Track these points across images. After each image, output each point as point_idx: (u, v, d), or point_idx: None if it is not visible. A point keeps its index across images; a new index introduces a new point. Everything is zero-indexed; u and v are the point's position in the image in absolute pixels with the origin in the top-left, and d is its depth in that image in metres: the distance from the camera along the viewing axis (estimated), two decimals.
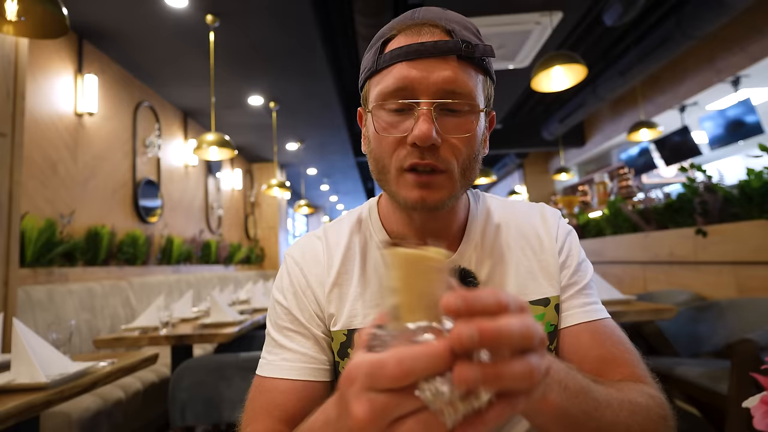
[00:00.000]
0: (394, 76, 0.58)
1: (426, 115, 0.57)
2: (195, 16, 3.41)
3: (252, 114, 5.53)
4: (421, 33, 0.59)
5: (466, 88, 0.58)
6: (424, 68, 0.57)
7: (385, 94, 0.59)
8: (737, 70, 4.36)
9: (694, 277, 2.99)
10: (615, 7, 3.57)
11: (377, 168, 0.64)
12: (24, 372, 1.29)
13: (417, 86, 0.57)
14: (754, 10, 3.81)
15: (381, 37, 0.63)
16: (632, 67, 4.75)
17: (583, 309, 0.67)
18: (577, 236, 0.74)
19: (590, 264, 0.73)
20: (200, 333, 2.22)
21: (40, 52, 3.17)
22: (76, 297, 2.87)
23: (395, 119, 0.60)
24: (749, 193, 2.55)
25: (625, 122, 6.27)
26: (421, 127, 0.56)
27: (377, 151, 0.63)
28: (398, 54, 0.59)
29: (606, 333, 0.65)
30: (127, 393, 2.35)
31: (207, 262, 5.65)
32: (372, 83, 0.63)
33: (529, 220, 0.73)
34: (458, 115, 0.59)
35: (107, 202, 3.85)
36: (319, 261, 0.70)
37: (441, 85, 0.57)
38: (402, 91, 0.58)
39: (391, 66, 0.59)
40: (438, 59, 0.57)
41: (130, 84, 4.31)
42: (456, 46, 0.57)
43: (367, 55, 0.65)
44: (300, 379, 0.64)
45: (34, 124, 3.08)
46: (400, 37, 0.61)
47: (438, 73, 0.57)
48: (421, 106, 0.57)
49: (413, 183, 0.59)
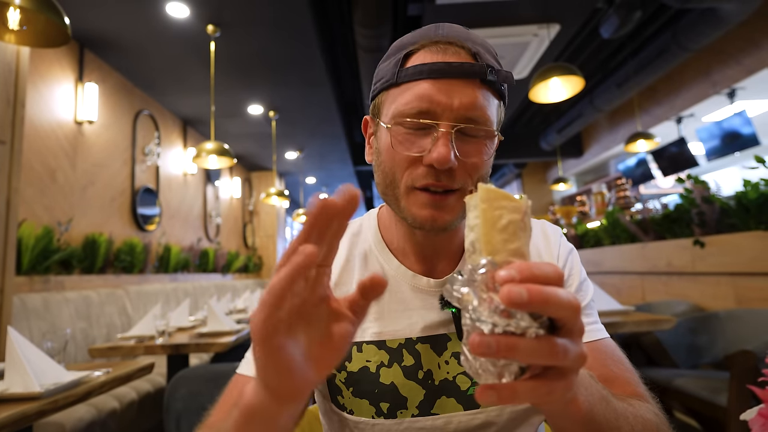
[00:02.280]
0: (416, 93, 0.57)
1: (446, 137, 0.56)
2: (196, 26, 3.44)
3: (251, 123, 5.55)
4: (447, 52, 0.58)
5: (485, 114, 0.58)
6: (447, 90, 0.57)
7: (406, 111, 0.58)
8: (733, 83, 4.40)
9: (692, 287, 2.98)
10: (612, 20, 3.61)
11: (386, 182, 0.62)
12: (17, 381, 1.27)
13: (439, 108, 0.57)
14: (749, 23, 3.86)
15: (402, 48, 0.62)
16: (629, 79, 4.79)
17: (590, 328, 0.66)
18: (578, 255, 0.73)
19: (590, 283, 0.72)
20: (197, 342, 2.20)
21: (41, 59, 3.19)
22: (72, 305, 2.85)
23: (412, 137, 0.59)
24: (746, 204, 2.56)
25: (622, 133, 6.31)
26: (441, 151, 0.55)
27: (388, 165, 0.61)
28: (422, 71, 0.58)
29: (606, 353, 0.65)
30: (121, 403, 2.32)
31: (205, 270, 5.63)
32: (389, 95, 0.62)
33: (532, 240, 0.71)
34: (475, 139, 0.59)
35: (105, 210, 3.85)
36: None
37: (463, 110, 0.57)
38: (424, 111, 0.57)
39: (413, 82, 0.58)
40: (462, 81, 0.57)
41: (130, 92, 4.33)
42: (481, 70, 0.57)
43: (384, 64, 0.64)
44: None
45: (34, 132, 3.09)
46: (424, 53, 0.59)
47: (461, 97, 0.57)
48: (441, 128, 0.57)
49: (425, 202, 0.59)
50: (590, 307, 0.69)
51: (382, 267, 0.68)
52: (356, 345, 0.64)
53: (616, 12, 3.55)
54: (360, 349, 0.64)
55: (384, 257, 0.69)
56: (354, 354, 0.64)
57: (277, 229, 8.08)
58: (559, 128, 6.52)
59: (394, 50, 0.63)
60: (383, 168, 0.62)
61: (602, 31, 3.81)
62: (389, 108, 0.61)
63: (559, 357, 0.32)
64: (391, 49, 0.64)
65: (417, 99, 0.57)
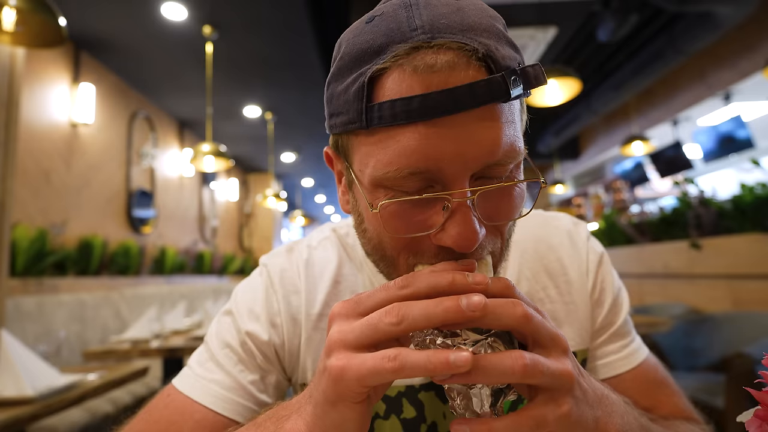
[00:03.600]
0: (402, 148, 0.36)
1: (464, 210, 0.36)
2: (193, 28, 3.44)
3: (248, 125, 5.55)
4: (439, 68, 0.35)
5: (518, 149, 0.39)
6: (453, 135, 0.35)
7: (391, 176, 0.37)
8: (728, 86, 4.43)
9: (688, 290, 2.99)
10: (608, 23, 3.63)
11: (377, 256, 0.45)
12: (10, 385, 1.26)
13: (446, 167, 0.36)
14: (744, 27, 3.89)
15: (361, 62, 0.38)
16: (626, 82, 4.81)
17: (621, 355, 0.58)
18: (609, 260, 0.60)
19: (625, 291, 0.61)
20: (192, 345, 2.18)
21: (36, 60, 3.18)
22: (66, 308, 2.83)
23: (406, 206, 0.39)
24: (742, 207, 2.57)
25: (618, 136, 6.33)
26: (464, 231, 0.36)
27: (378, 241, 0.43)
28: (407, 110, 0.35)
29: (649, 377, 0.58)
30: (116, 407, 2.30)
31: (201, 272, 5.61)
32: (358, 141, 0.40)
33: (554, 248, 0.58)
34: (503, 192, 0.40)
35: (100, 212, 3.83)
36: (299, 292, 0.56)
37: (483, 159, 0.37)
38: (419, 172, 0.37)
39: (394, 128, 0.36)
40: (474, 113, 0.35)
41: (126, 94, 4.31)
42: (501, 86, 0.35)
43: (339, 87, 0.40)
44: (224, 414, 0.50)
45: (29, 133, 3.07)
46: (401, 74, 0.36)
47: (478, 141, 0.36)
48: (455, 197, 0.36)
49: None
50: (627, 321, 0.59)
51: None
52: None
53: (612, 15, 3.56)
54: None
55: (377, 280, 0.56)
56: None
57: (274, 231, 8.06)
58: (556, 131, 6.54)
59: (351, 63, 0.39)
60: (369, 237, 0.44)
61: (599, 34, 3.83)
62: (364, 163, 0.40)
63: (527, 371, 0.29)
64: (345, 58, 0.40)
65: (405, 158, 0.36)
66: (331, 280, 0.57)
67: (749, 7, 3.35)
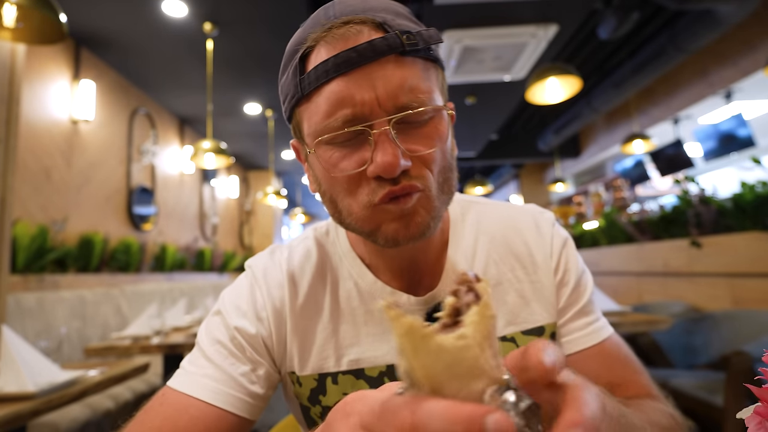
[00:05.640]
0: (328, 99, 0.46)
1: (385, 137, 0.45)
2: (193, 24, 3.43)
3: (248, 122, 5.54)
4: (347, 36, 0.46)
5: (422, 90, 0.47)
6: (364, 80, 0.45)
7: (325, 125, 0.47)
8: (729, 84, 4.42)
9: (688, 288, 2.99)
10: (609, 21, 3.62)
11: (337, 211, 0.52)
12: (11, 380, 1.26)
13: (363, 106, 0.46)
14: (746, 25, 3.88)
15: (295, 53, 0.50)
16: (626, 80, 4.81)
17: (585, 332, 0.60)
18: (573, 244, 0.65)
19: (589, 274, 0.65)
20: (193, 342, 2.18)
21: (36, 57, 3.17)
22: (67, 305, 2.83)
23: (346, 151, 0.48)
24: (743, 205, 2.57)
25: (619, 134, 6.33)
26: (384, 156, 0.45)
27: (333, 192, 0.51)
28: (326, 70, 0.46)
29: (612, 354, 0.60)
30: (117, 403, 2.31)
31: (201, 270, 5.61)
32: (301, 112, 0.51)
33: (520, 232, 0.63)
34: (422, 124, 0.48)
35: (101, 209, 3.83)
36: (282, 286, 0.60)
37: (392, 98, 0.46)
38: (346, 117, 0.46)
39: (321, 87, 0.47)
40: (378, 63, 0.46)
41: (126, 90, 4.31)
42: (395, 40, 0.46)
43: (283, 79, 0.53)
44: (218, 405, 0.51)
45: (29, 130, 3.07)
46: (321, 48, 0.48)
47: (384, 82, 0.46)
48: (375, 128, 0.46)
49: (389, 216, 0.49)
50: (591, 302, 0.62)
51: (356, 282, 0.59)
52: (331, 376, 0.57)
53: (613, 13, 3.55)
54: (335, 380, 0.57)
55: (357, 271, 0.60)
56: (329, 386, 0.57)
57: (274, 228, 8.06)
58: (557, 129, 6.53)
59: (288, 56, 0.51)
60: (329, 197, 0.52)
61: (600, 32, 3.82)
62: (307, 127, 0.50)
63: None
64: (285, 56, 0.52)
65: (332, 106, 0.46)
66: (312, 273, 0.60)
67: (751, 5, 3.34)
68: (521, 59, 3.97)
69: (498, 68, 4.14)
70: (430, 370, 0.24)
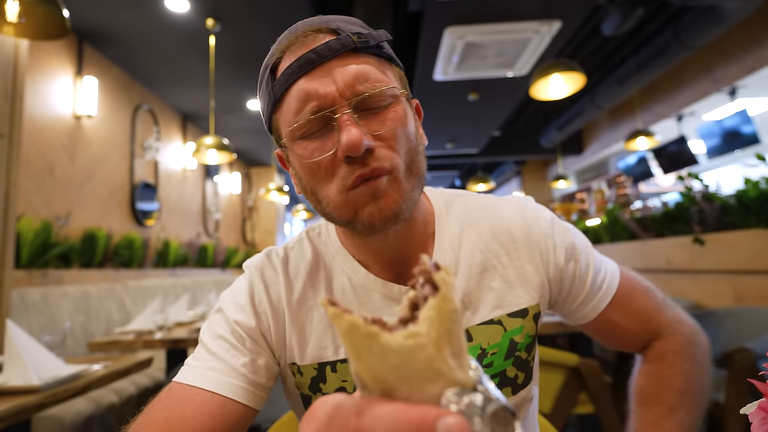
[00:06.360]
0: (297, 97, 0.53)
1: (348, 120, 0.51)
2: (195, 20, 3.43)
3: (251, 118, 5.54)
4: (306, 42, 0.53)
5: (378, 76, 0.53)
6: (325, 75, 0.52)
7: (296, 121, 0.53)
8: (734, 80, 4.40)
9: (691, 285, 2.99)
10: (613, 17, 3.60)
11: (318, 202, 0.56)
12: (16, 374, 1.27)
13: (326, 98, 0.52)
14: (751, 21, 3.85)
15: (266, 67, 0.57)
16: (630, 76, 4.78)
17: (599, 295, 0.66)
18: (559, 222, 0.67)
19: (579, 235, 0.68)
20: (196, 337, 2.20)
21: (39, 53, 3.18)
22: (71, 299, 2.85)
23: (317, 142, 0.53)
24: (746, 202, 2.56)
25: (622, 131, 6.30)
26: (349, 135, 0.50)
27: (312, 183, 0.55)
28: (291, 73, 0.53)
29: (625, 300, 0.66)
30: (120, 397, 2.32)
31: (204, 265, 5.63)
32: (278, 118, 0.57)
33: (502, 219, 0.66)
34: (381, 109, 0.54)
35: (104, 205, 3.84)
36: (278, 283, 0.63)
37: (350, 87, 0.52)
38: (312, 109, 0.52)
39: (289, 88, 0.53)
40: (335, 61, 0.52)
41: (129, 86, 4.31)
42: (347, 39, 0.52)
43: (259, 93, 0.59)
44: (222, 393, 0.54)
45: (33, 126, 3.08)
46: (286, 57, 0.54)
47: (341, 75, 0.52)
48: (338, 113, 0.51)
49: (362, 198, 0.52)
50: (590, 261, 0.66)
51: (349, 277, 0.63)
52: (330, 365, 0.60)
53: (617, 9, 3.53)
54: (334, 369, 0.60)
55: (349, 266, 0.63)
56: (328, 375, 0.60)
57: (277, 224, 8.07)
58: (560, 125, 6.51)
59: (262, 72, 0.58)
60: (310, 190, 0.56)
61: (604, 28, 3.80)
62: (284, 128, 0.55)
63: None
64: (260, 74, 0.59)
65: (300, 101, 0.52)
66: (307, 270, 0.64)
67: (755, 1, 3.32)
68: (524, 55, 3.95)
69: (500, 64, 4.13)
70: (376, 372, 0.22)
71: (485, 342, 0.60)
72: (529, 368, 0.64)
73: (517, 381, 0.62)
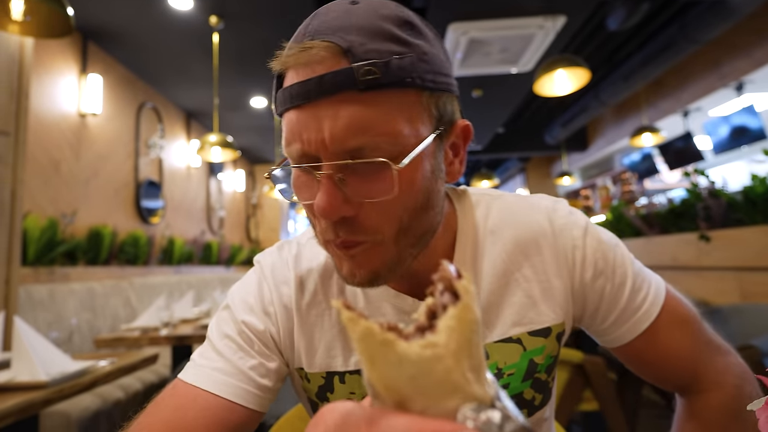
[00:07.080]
0: (287, 128, 0.46)
1: (327, 182, 0.43)
2: (199, 18, 3.43)
3: (255, 116, 5.54)
4: (308, 63, 0.43)
5: (381, 130, 0.42)
6: (312, 119, 0.43)
7: (287, 150, 0.47)
8: (741, 75, 4.35)
9: (697, 282, 2.97)
10: (619, 12, 3.57)
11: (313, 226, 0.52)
12: (24, 370, 1.29)
13: (309, 144, 0.44)
14: (758, 15, 3.81)
15: (276, 68, 0.49)
16: (636, 72, 4.74)
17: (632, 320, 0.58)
18: (595, 231, 0.59)
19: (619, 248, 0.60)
20: (201, 334, 2.21)
21: (44, 51, 3.19)
22: (77, 296, 2.87)
23: (304, 179, 0.48)
24: (753, 198, 2.54)
25: (628, 127, 6.26)
26: (320, 200, 0.43)
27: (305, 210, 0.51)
28: (284, 99, 0.46)
29: (660, 332, 0.57)
30: (126, 393, 2.34)
31: (208, 263, 5.65)
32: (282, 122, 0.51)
33: (529, 226, 0.58)
34: (374, 172, 0.43)
35: (109, 203, 3.86)
36: (289, 283, 0.59)
37: (340, 138, 0.42)
38: (298, 151, 0.45)
39: (285, 113, 0.47)
40: (329, 101, 0.42)
41: (133, 84, 4.33)
42: (350, 77, 0.41)
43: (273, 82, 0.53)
44: (226, 397, 0.52)
45: (38, 124, 3.09)
46: (289, 71, 0.46)
47: (333, 120, 0.42)
48: (320, 169, 0.43)
49: (339, 256, 0.48)
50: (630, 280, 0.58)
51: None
52: (339, 375, 0.57)
53: (623, 3, 3.51)
54: (342, 380, 0.57)
55: None
56: (336, 385, 0.57)
57: (281, 222, 8.09)
58: (564, 122, 6.47)
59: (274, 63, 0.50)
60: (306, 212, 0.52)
61: (609, 23, 3.77)
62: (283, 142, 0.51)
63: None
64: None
65: (288, 135, 0.46)
66: (319, 274, 0.59)
67: None
68: (528, 51, 3.93)
69: (505, 61, 4.11)
70: (390, 382, 0.21)
71: (502, 361, 0.56)
72: (548, 389, 0.60)
73: (534, 403, 0.58)
